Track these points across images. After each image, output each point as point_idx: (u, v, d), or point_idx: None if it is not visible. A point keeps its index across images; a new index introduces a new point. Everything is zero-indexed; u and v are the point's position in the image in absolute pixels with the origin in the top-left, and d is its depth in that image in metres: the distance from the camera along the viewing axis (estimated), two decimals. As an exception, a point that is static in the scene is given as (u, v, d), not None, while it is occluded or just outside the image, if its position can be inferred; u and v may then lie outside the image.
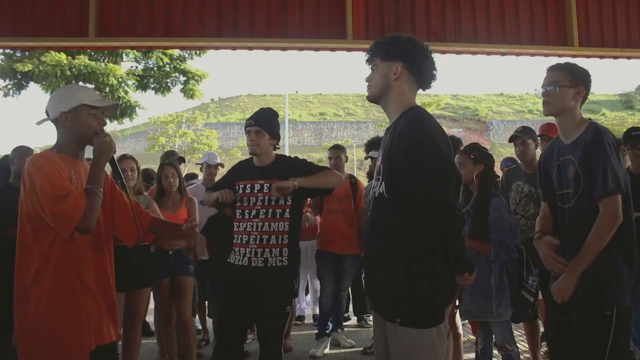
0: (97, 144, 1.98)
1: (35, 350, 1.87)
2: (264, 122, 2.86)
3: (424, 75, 1.95)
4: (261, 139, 2.83)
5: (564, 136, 2.24)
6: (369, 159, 4.29)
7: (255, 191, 2.81)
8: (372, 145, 4.30)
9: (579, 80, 2.18)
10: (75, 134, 2.00)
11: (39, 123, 2.12)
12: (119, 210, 2.15)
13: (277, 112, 3.05)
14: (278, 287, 2.75)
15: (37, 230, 1.87)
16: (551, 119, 2.50)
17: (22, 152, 3.56)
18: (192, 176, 5.96)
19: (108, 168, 2.07)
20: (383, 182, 1.88)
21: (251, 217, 2.78)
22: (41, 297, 1.86)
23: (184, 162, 5.40)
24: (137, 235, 2.12)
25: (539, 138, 3.94)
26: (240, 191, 2.84)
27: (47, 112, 2.05)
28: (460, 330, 3.39)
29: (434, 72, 1.97)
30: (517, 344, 3.06)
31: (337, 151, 4.62)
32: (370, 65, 1.98)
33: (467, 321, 3.62)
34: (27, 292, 1.87)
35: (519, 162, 3.92)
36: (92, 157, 2.00)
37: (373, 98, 2.00)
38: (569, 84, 2.17)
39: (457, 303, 2.01)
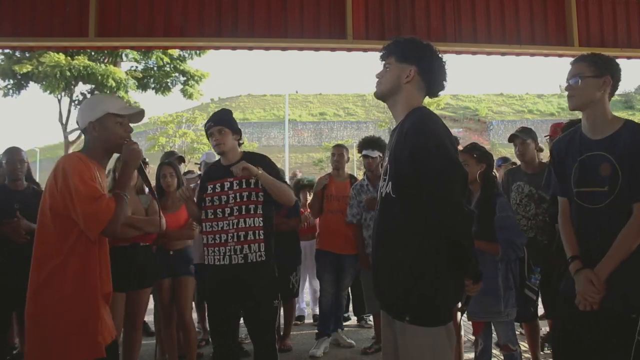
0: (125, 152, 2.06)
1: (48, 342, 1.89)
2: (223, 120, 2.95)
3: (434, 83, 1.96)
4: (225, 137, 2.90)
5: (592, 131, 2.08)
6: (364, 158, 4.29)
7: (226, 189, 2.86)
8: (366, 144, 4.31)
9: (603, 69, 2.05)
10: (103, 142, 2.05)
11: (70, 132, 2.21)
12: None
13: (231, 111, 3.14)
14: (262, 282, 2.81)
15: (63, 228, 1.90)
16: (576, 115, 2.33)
17: (12, 153, 3.51)
18: (189, 173, 5.95)
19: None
20: (390, 182, 1.88)
21: (226, 215, 2.83)
22: (61, 291, 1.88)
23: (184, 162, 5.40)
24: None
25: (546, 137, 3.95)
26: (211, 191, 2.89)
27: (77, 122, 2.13)
28: (462, 331, 3.39)
29: (444, 82, 1.98)
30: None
31: (341, 148, 4.65)
32: (383, 63, 1.99)
33: (466, 320, 3.62)
34: (45, 285, 1.89)
35: (519, 162, 3.93)
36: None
37: (380, 96, 2.00)
38: (592, 75, 2.04)
39: (461, 305, 1.99)
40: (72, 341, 1.89)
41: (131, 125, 2.16)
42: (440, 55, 1.97)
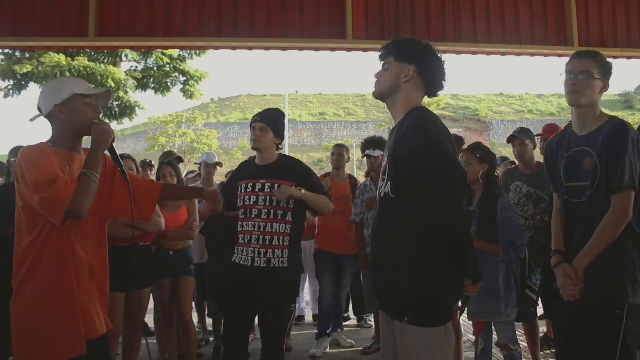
0: (95, 132, 1.94)
1: (29, 342, 1.86)
2: (270, 120, 2.90)
3: (433, 83, 1.97)
4: (265, 136, 2.86)
5: (580, 127, 2.15)
6: (367, 157, 4.30)
7: (257, 190, 2.82)
8: (368, 144, 4.31)
9: (607, 74, 2.13)
10: (71, 126, 1.95)
11: (32, 120, 2.08)
12: (119, 193, 2.10)
13: (284, 114, 3.08)
14: (281, 286, 2.77)
15: (33, 223, 1.85)
16: (567, 117, 2.44)
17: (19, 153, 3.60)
18: (191, 173, 5.98)
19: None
20: (389, 182, 1.88)
21: (253, 216, 2.79)
22: (36, 290, 1.85)
23: (182, 161, 5.41)
24: (133, 213, 2.08)
25: (537, 138, 3.96)
26: (242, 191, 2.86)
27: (39, 109, 2.00)
28: (461, 330, 3.39)
29: (444, 82, 1.98)
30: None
31: (341, 148, 4.66)
32: (382, 62, 1.99)
33: (466, 320, 3.63)
34: (22, 284, 1.86)
35: (517, 162, 3.94)
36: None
37: (379, 95, 2.00)
38: (599, 77, 2.09)
39: (460, 305, 1.99)
40: (53, 340, 1.84)
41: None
42: (439, 55, 1.97)
